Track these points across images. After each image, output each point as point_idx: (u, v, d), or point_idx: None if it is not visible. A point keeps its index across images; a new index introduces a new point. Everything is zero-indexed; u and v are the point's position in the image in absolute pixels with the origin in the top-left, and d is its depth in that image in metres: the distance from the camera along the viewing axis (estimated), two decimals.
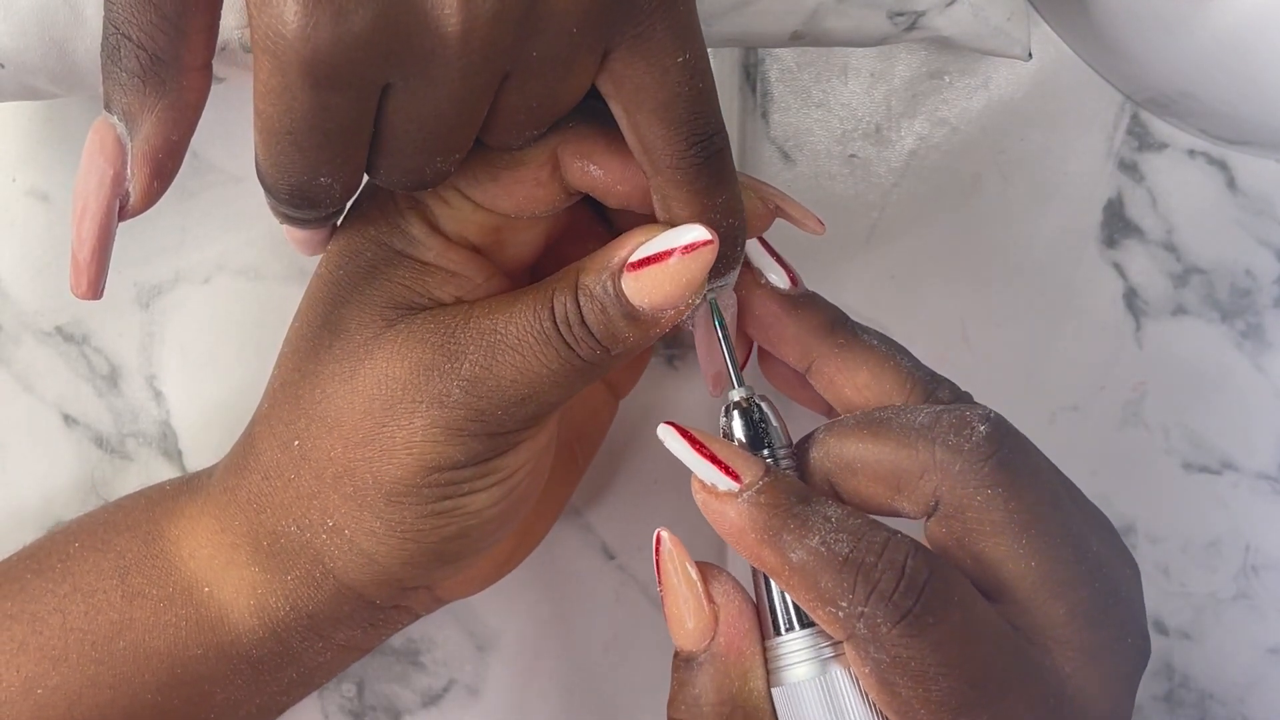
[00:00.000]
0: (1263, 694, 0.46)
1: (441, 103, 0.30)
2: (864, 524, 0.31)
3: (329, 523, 0.34)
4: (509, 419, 0.33)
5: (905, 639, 0.30)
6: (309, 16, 0.28)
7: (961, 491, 0.32)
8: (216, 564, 0.35)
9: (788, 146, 0.45)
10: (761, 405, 0.34)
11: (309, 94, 0.29)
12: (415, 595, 0.37)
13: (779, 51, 0.44)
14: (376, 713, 0.45)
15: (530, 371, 0.33)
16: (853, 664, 0.31)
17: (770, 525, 0.31)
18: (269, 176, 0.31)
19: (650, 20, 0.31)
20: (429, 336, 0.33)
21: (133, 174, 0.30)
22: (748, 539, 0.31)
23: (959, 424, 0.32)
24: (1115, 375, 0.45)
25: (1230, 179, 0.44)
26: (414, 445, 0.33)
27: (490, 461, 0.34)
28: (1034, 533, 0.32)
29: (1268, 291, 0.45)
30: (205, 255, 0.43)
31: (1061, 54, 0.44)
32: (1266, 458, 0.45)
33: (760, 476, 0.32)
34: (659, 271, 0.32)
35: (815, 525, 0.31)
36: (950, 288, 0.45)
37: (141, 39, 0.29)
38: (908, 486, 0.32)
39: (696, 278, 0.32)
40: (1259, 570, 0.45)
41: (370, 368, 0.33)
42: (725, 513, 0.31)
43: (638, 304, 0.32)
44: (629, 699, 0.44)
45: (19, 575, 0.36)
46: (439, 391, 0.33)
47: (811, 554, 0.31)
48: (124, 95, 0.30)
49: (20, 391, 0.44)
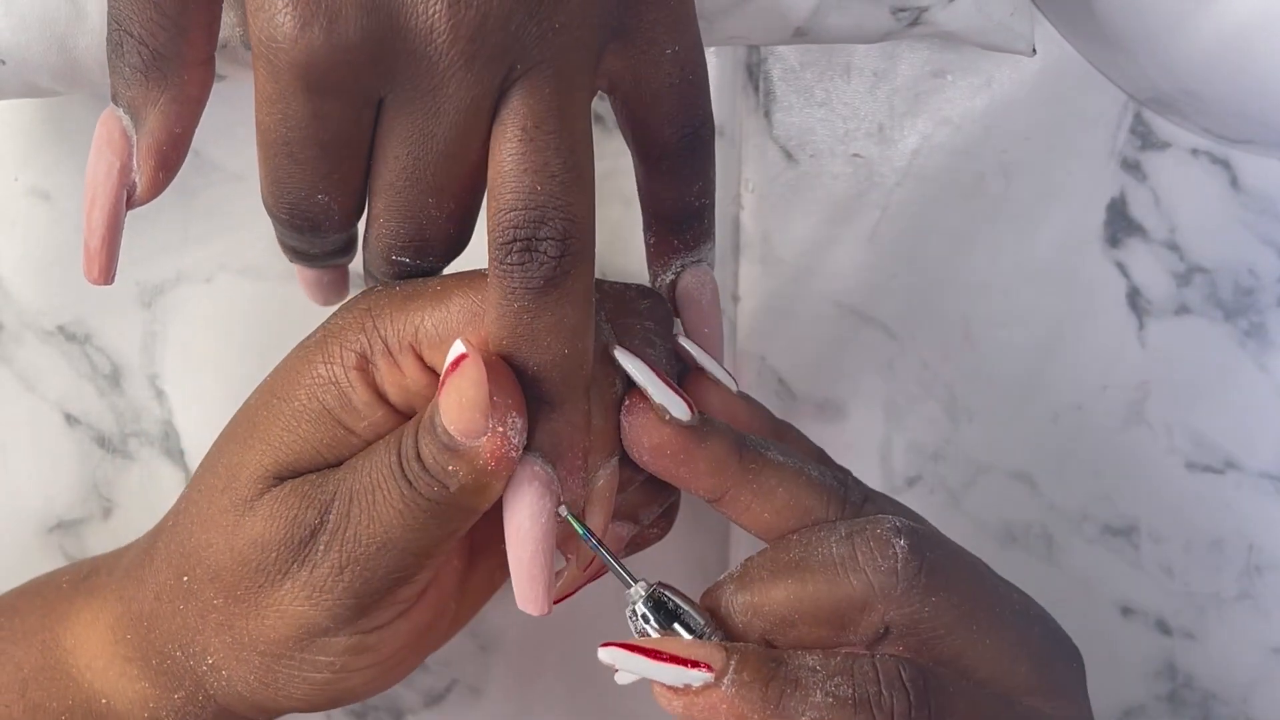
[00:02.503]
0: (1266, 693, 0.46)
1: (428, 118, 0.30)
2: (845, 659, 0.31)
3: (209, 660, 0.34)
4: (372, 576, 0.32)
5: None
6: (300, 21, 0.28)
7: (909, 609, 0.32)
8: (111, 676, 0.35)
9: (790, 146, 0.44)
10: (666, 592, 0.33)
11: (303, 100, 0.29)
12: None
13: (782, 50, 0.44)
14: (379, 712, 0.45)
15: (380, 515, 0.31)
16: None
17: (767, 699, 0.30)
18: (269, 196, 0.32)
19: (638, 11, 0.31)
20: (304, 492, 0.32)
21: (138, 165, 0.31)
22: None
23: (880, 545, 0.32)
24: (1118, 374, 0.45)
25: (1233, 178, 0.44)
26: (283, 607, 0.33)
27: (364, 636, 0.33)
28: (979, 615, 0.32)
29: (1271, 291, 0.45)
30: (207, 254, 0.43)
31: (1064, 53, 0.44)
32: (1270, 457, 0.45)
33: (727, 657, 0.31)
34: (447, 391, 0.30)
35: (807, 680, 0.30)
36: (953, 287, 0.45)
37: (143, 35, 0.30)
38: (852, 623, 0.32)
39: (473, 395, 0.30)
40: (1262, 570, 0.45)
41: (250, 527, 0.32)
42: (715, 707, 0.30)
43: (450, 430, 0.30)
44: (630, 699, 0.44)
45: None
46: (306, 551, 0.32)
47: (821, 709, 0.30)
48: (128, 89, 0.31)
49: (22, 391, 0.44)
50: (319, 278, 0.37)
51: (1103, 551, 0.45)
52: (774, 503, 0.34)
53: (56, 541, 0.44)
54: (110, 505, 0.44)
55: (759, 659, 0.31)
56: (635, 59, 0.32)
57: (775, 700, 0.30)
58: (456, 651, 0.45)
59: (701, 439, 0.33)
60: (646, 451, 0.33)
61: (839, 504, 0.34)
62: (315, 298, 0.37)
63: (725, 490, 0.34)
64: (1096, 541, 0.45)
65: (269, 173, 0.31)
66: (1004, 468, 0.44)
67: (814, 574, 0.32)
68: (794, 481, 0.34)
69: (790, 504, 0.34)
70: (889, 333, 0.45)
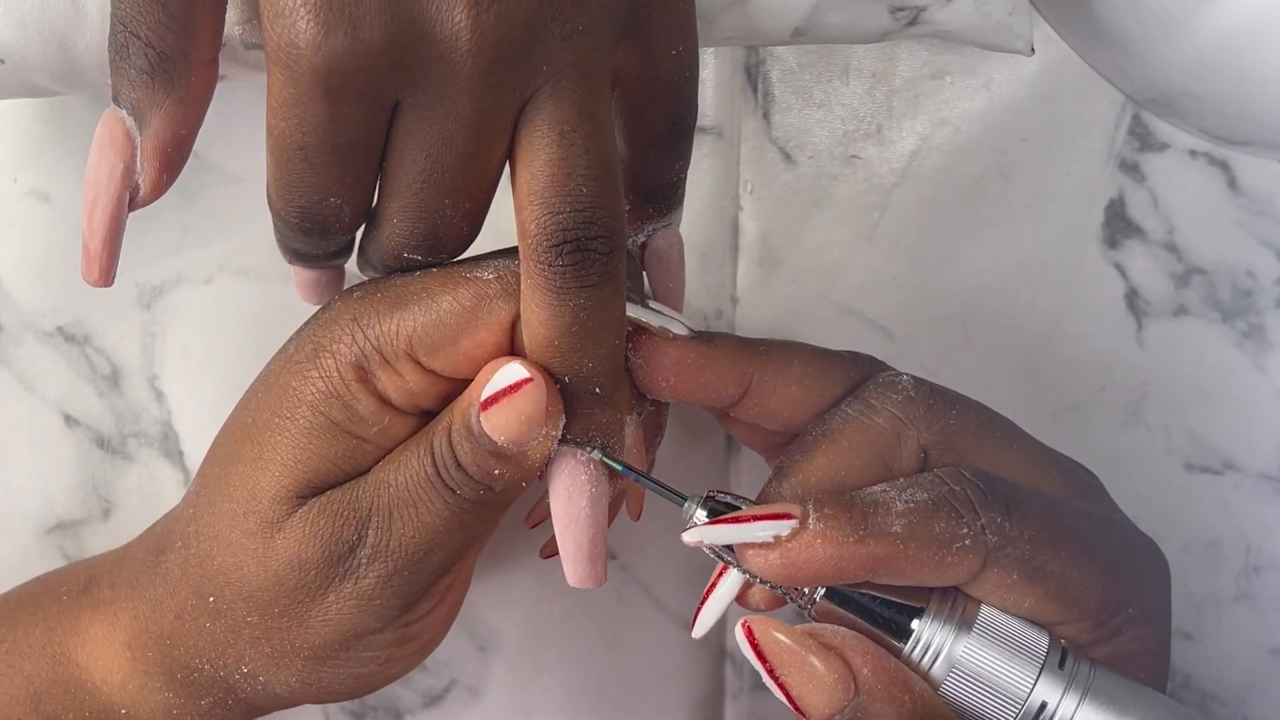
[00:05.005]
0: (1264, 694, 0.46)
1: (449, 122, 0.30)
2: (910, 478, 0.32)
3: (244, 669, 0.34)
4: (417, 577, 0.33)
5: (1023, 520, 0.31)
6: (323, 27, 0.28)
7: (938, 425, 0.33)
8: (130, 689, 0.35)
9: (789, 147, 0.45)
10: (718, 494, 0.33)
11: (322, 105, 0.29)
12: None
13: (780, 52, 0.44)
14: (377, 712, 0.45)
15: (424, 524, 0.32)
16: (995, 586, 0.31)
17: (856, 523, 0.31)
18: (279, 199, 0.31)
19: (649, 12, 0.31)
20: (336, 509, 0.33)
21: (142, 167, 0.31)
22: (850, 551, 0.30)
23: (888, 385, 0.34)
24: (1116, 376, 0.45)
25: (1231, 179, 0.44)
26: (330, 619, 0.33)
27: (408, 628, 0.34)
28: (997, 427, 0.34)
29: (1269, 292, 0.45)
30: (206, 256, 0.43)
31: (1063, 54, 0.44)
32: (1268, 458, 0.45)
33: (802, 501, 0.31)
34: (501, 409, 0.31)
35: (882, 500, 0.31)
36: (952, 288, 0.45)
37: (150, 37, 0.30)
38: (894, 458, 0.33)
39: (533, 412, 0.31)
40: (1260, 571, 0.45)
41: (283, 549, 0.33)
42: (812, 546, 0.31)
43: (498, 440, 0.31)
44: (630, 699, 0.44)
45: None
46: (349, 565, 0.32)
47: (909, 515, 0.31)
48: (132, 91, 0.30)
49: (22, 392, 0.44)
50: (317, 279, 0.37)
51: None
52: (794, 372, 0.34)
53: (56, 542, 0.44)
54: (110, 506, 0.44)
55: (835, 496, 0.32)
56: (642, 57, 0.32)
57: (861, 521, 0.31)
58: (456, 651, 0.45)
59: (709, 339, 0.34)
60: (670, 372, 0.34)
61: (852, 365, 0.35)
62: (310, 298, 0.37)
63: (749, 377, 0.34)
64: None
65: (281, 176, 0.31)
66: None
67: (841, 433, 0.33)
68: (806, 351, 0.35)
69: (811, 369, 0.35)
70: (888, 333, 0.45)
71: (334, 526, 0.32)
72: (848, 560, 0.31)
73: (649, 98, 0.32)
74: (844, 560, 0.31)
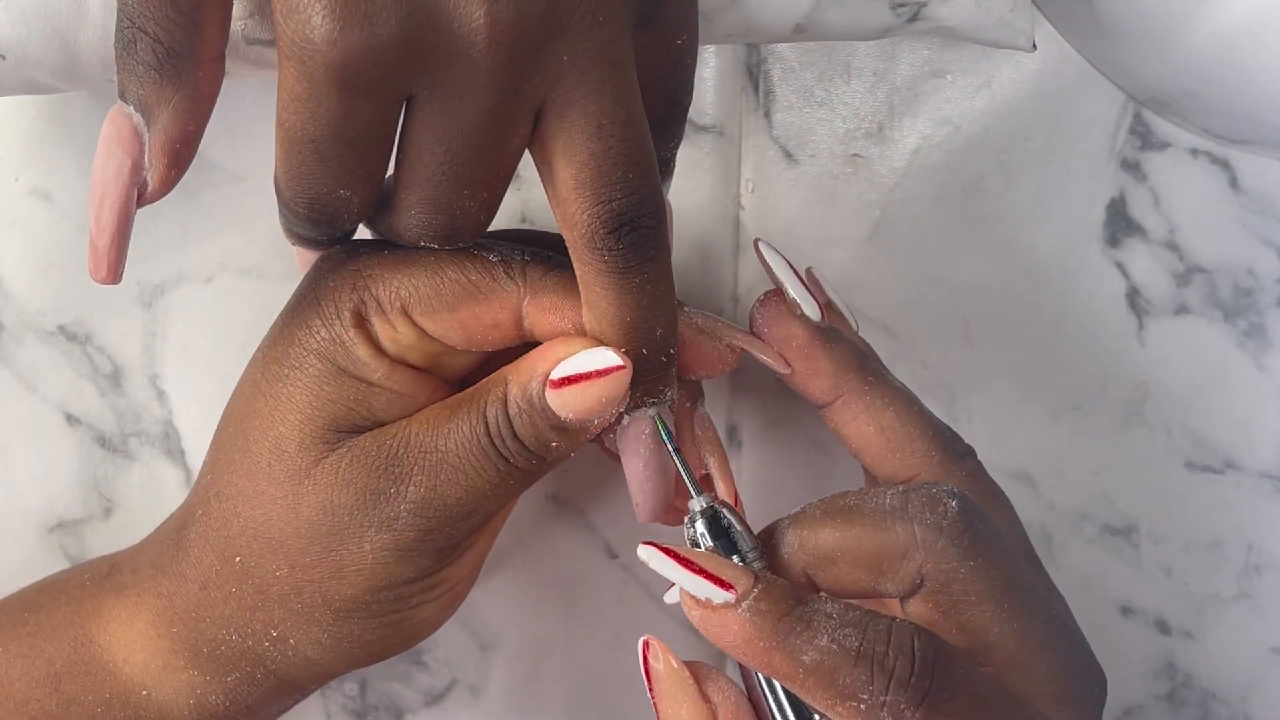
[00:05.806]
0: (1265, 693, 0.46)
1: (468, 115, 0.30)
2: (863, 615, 0.31)
3: (273, 633, 0.34)
4: (456, 533, 0.34)
5: (936, 715, 0.30)
6: (337, 21, 0.28)
7: (946, 566, 0.32)
8: (153, 668, 0.36)
9: (790, 146, 0.45)
10: (724, 511, 0.34)
11: (335, 100, 0.29)
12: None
13: (781, 50, 0.44)
14: (379, 712, 0.45)
15: (473, 488, 0.33)
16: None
17: (777, 631, 0.30)
18: (288, 190, 0.31)
19: (661, 1, 0.31)
20: (372, 461, 0.33)
21: (150, 163, 0.31)
22: (755, 648, 0.31)
23: (931, 502, 0.33)
24: (1118, 374, 0.45)
25: (1233, 178, 0.44)
26: (364, 567, 0.34)
27: (438, 574, 0.35)
28: (1012, 597, 0.33)
29: (1270, 291, 0.45)
30: (208, 254, 0.44)
31: (1064, 53, 0.44)
32: (1269, 457, 0.45)
33: (753, 583, 0.31)
34: (580, 390, 0.32)
35: (820, 624, 0.31)
36: (953, 287, 0.45)
37: (158, 33, 0.30)
38: (891, 568, 0.32)
39: (616, 395, 0.32)
40: (1261, 570, 0.45)
41: (314, 494, 0.33)
42: (727, 625, 0.31)
43: (564, 416, 0.33)
44: (631, 698, 0.44)
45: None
46: (387, 516, 0.33)
47: (824, 653, 0.30)
48: (140, 87, 0.30)
49: (23, 391, 0.44)
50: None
51: (1102, 551, 0.45)
52: (881, 420, 0.35)
53: (57, 541, 0.44)
54: (111, 505, 0.44)
55: (781, 593, 0.31)
56: (651, 45, 0.32)
57: (784, 635, 0.31)
58: (456, 651, 0.45)
59: (829, 339, 0.36)
60: (776, 341, 0.36)
61: (941, 445, 0.35)
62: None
63: (840, 394, 0.36)
64: (1096, 541, 0.45)
65: (291, 168, 0.31)
66: (1003, 467, 0.44)
67: (864, 518, 0.33)
68: (906, 408, 0.36)
69: (896, 427, 0.35)
70: (889, 333, 0.45)
71: (368, 475, 0.33)
72: (753, 656, 0.31)
73: (652, 83, 0.32)
74: (750, 653, 0.31)
